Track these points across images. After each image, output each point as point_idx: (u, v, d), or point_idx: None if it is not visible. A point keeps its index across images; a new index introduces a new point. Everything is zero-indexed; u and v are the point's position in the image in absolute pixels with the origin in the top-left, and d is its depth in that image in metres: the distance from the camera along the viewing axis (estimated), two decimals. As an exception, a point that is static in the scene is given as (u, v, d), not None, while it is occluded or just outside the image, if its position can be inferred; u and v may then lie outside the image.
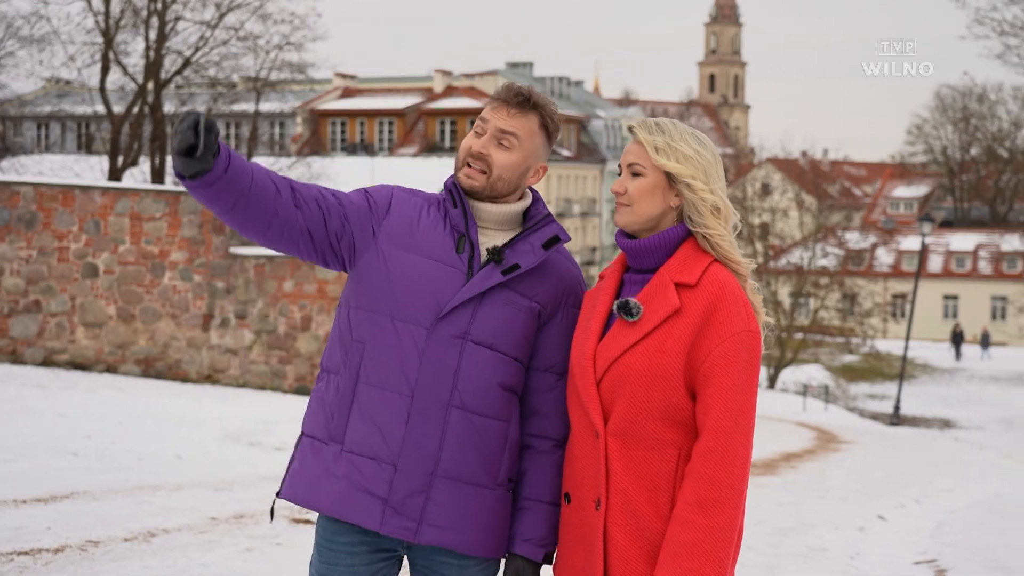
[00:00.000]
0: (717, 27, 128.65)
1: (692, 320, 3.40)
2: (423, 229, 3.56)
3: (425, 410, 3.50)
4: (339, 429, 3.54)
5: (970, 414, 40.42)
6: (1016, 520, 11.03)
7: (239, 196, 3.38)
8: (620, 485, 3.45)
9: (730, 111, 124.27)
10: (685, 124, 3.56)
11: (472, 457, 3.56)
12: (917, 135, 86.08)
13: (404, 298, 3.51)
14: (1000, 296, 70.74)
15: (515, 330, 3.59)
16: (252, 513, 9.03)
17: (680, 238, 3.53)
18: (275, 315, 21.07)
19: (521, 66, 72.01)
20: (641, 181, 3.52)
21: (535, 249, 3.61)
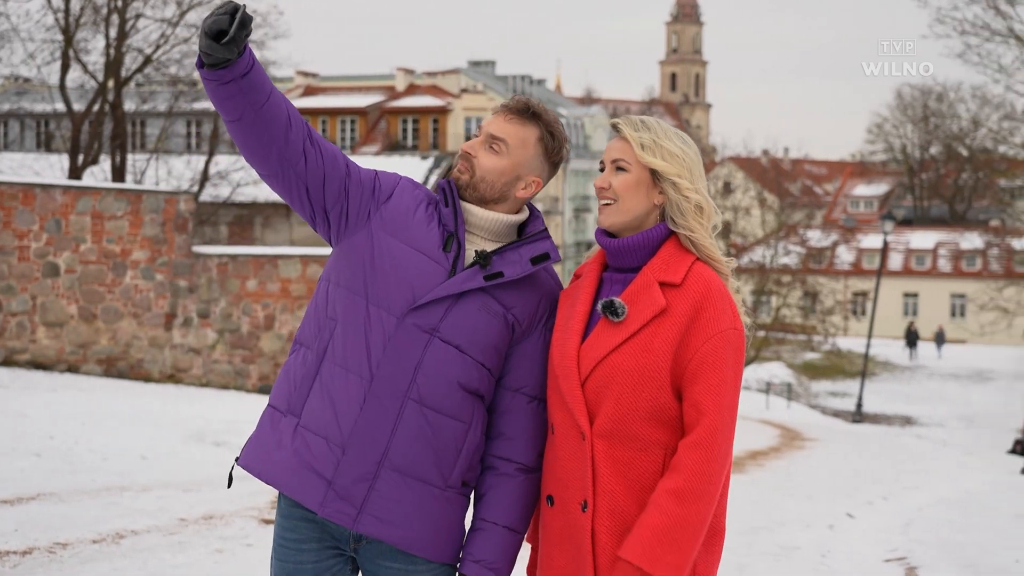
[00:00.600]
0: (678, 26, 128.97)
1: (679, 319, 3.37)
2: (416, 222, 3.53)
3: (380, 397, 3.46)
4: (298, 403, 3.53)
5: (930, 411, 40.73)
6: (983, 517, 11.08)
7: (248, 108, 3.35)
8: (607, 487, 3.41)
9: (691, 110, 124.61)
10: (668, 124, 3.54)
11: (423, 453, 3.50)
12: (877, 134, 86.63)
13: (383, 284, 3.48)
14: (959, 294, 71.24)
15: (486, 336, 3.54)
16: (222, 514, 8.95)
17: (662, 237, 3.50)
18: (238, 314, 20.95)
19: (483, 64, 71.93)
20: (625, 177, 3.49)
21: (523, 261, 3.57)
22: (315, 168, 3.48)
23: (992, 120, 45.14)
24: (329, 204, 3.53)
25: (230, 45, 3.23)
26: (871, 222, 78.67)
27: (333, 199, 3.52)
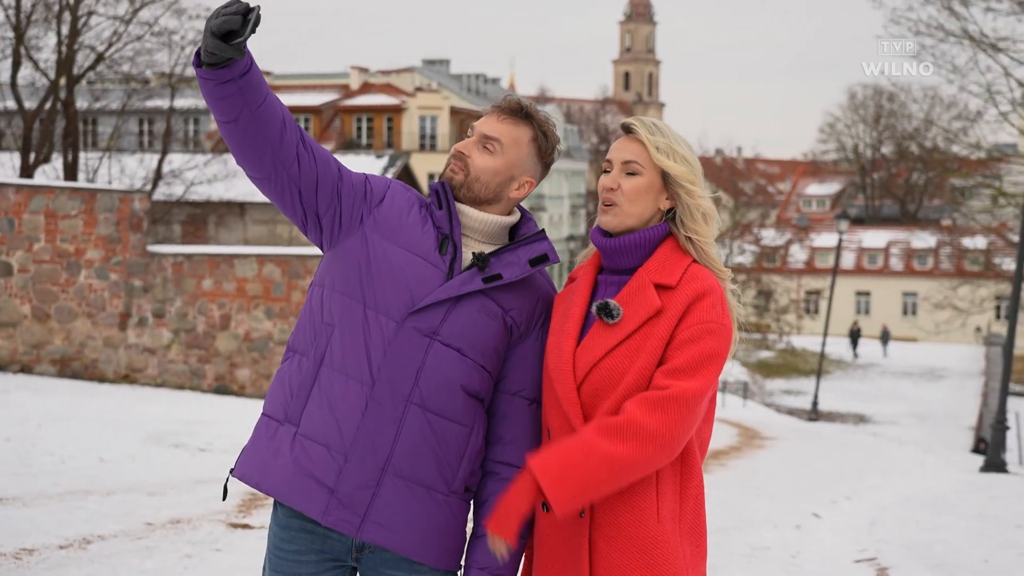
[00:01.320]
0: (632, 25, 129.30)
1: (673, 318, 3.33)
2: (410, 224, 3.48)
3: (382, 403, 3.40)
4: (296, 411, 3.46)
5: (884, 409, 40.99)
6: (948, 516, 11.11)
7: (245, 108, 3.28)
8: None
9: (644, 109, 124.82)
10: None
11: (427, 458, 3.45)
12: (830, 133, 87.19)
13: (380, 288, 3.42)
14: (911, 292, 71.85)
15: (486, 338, 3.49)
16: (189, 518, 8.83)
17: (660, 238, 3.46)
18: (194, 314, 20.78)
19: (438, 63, 71.84)
20: (637, 180, 3.44)
21: (521, 263, 3.53)
22: (308, 171, 3.42)
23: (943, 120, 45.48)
24: (322, 208, 3.46)
25: (240, 46, 3.16)
26: (823, 221, 79.21)
27: (326, 203, 3.46)
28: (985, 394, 48.77)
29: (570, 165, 78.11)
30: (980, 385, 50.70)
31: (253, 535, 8.33)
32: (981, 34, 26.23)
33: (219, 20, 3.11)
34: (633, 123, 3.48)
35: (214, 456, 12.82)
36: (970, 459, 20.68)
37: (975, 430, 40.53)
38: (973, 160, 31.29)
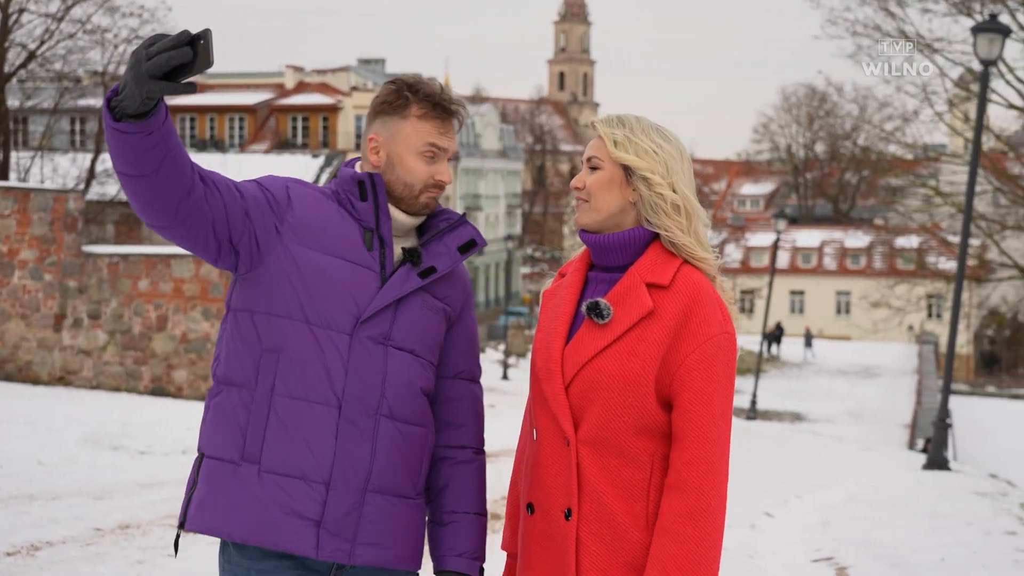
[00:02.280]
0: (566, 25, 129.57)
1: (667, 323, 3.22)
2: (328, 224, 3.30)
3: (354, 422, 3.26)
4: (255, 448, 3.23)
5: (820, 407, 41.26)
6: (898, 515, 11.11)
7: (167, 156, 2.97)
8: (594, 493, 3.26)
9: (579, 109, 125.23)
10: (649, 120, 3.39)
11: (400, 468, 3.35)
12: (763, 133, 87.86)
13: (321, 302, 3.24)
14: (845, 291, 72.57)
15: (432, 334, 3.40)
16: (138, 523, 8.63)
17: (649, 237, 3.35)
18: (130, 315, 20.50)
19: (373, 63, 71.68)
20: (598, 175, 3.34)
21: (451, 252, 3.42)
22: (216, 203, 3.15)
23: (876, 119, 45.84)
24: (236, 235, 3.21)
25: (192, 83, 2.83)
26: (757, 220, 79.78)
27: (239, 228, 3.21)
28: (919, 392, 49.33)
29: (506, 165, 78.11)
30: (914, 383, 51.25)
31: (205, 540, 8.12)
32: (917, 35, 26.44)
33: (160, 58, 2.78)
34: (596, 120, 3.41)
35: (155, 459, 12.61)
36: (912, 457, 20.81)
37: (910, 428, 40.96)
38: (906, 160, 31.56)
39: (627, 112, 3.43)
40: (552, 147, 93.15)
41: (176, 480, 10.65)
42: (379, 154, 3.36)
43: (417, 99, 3.34)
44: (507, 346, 47.64)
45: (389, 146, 3.35)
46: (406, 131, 3.34)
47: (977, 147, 17.72)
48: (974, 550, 9.23)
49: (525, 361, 49.88)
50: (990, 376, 61.70)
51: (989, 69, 17.92)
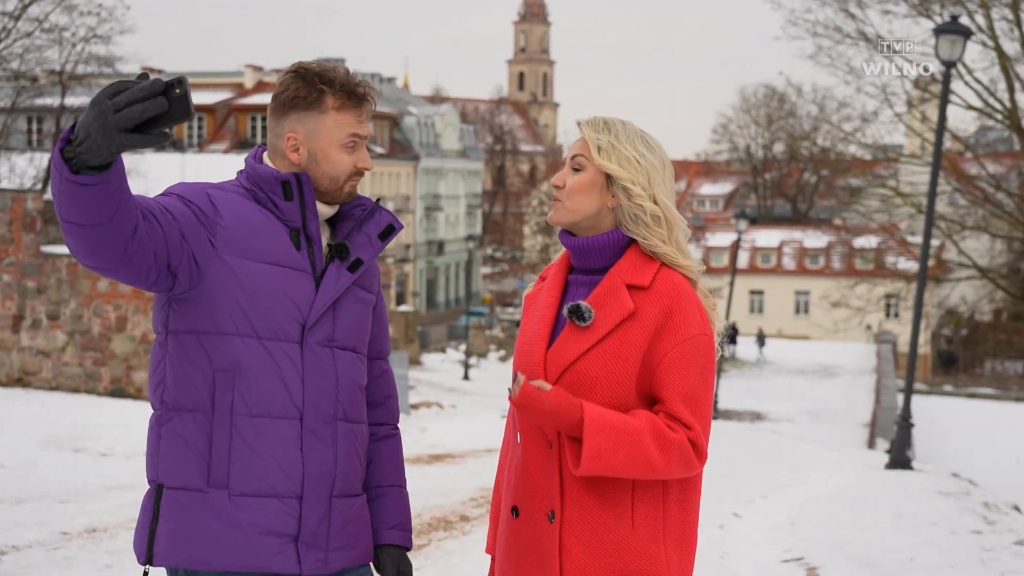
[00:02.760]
0: (526, 25, 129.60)
1: (648, 323, 3.24)
2: (256, 228, 3.21)
3: (315, 431, 3.23)
4: (221, 472, 3.15)
5: (779, 407, 41.41)
6: (865, 514, 11.13)
7: (121, 203, 2.83)
8: (577, 496, 3.26)
9: (539, 109, 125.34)
10: (636, 126, 3.39)
11: (356, 467, 3.36)
12: (722, 134, 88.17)
13: (266, 314, 3.17)
14: (803, 291, 72.94)
15: (366, 327, 3.40)
16: (105, 526, 8.54)
17: (628, 240, 3.36)
18: (89, 315, 20.31)
19: (333, 62, 71.42)
20: (580, 177, 3.35)
21: (372, 241, 3.38)
22: (156, 234, 3.01)
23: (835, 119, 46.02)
24: (174, 260, 3.08)
25: (169, 133, 2.70)
26: (717, 220, 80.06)
27: (177, 252, 3.08)
28: (878, 391, 49.59)
29: (466, 165, 78.02)
30: (872, 382, 51.54)
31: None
32: (877, 36, 26.54)
33: (131, 111, 2.62)
34: (583, 122, 3.40)
35: (117, 461, 12.49)
36: (874, 456, 20.89)
37: (870, 427, 41.15)
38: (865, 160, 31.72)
39: (613, 116, 3.42)
40: (512, 147, 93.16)
41: (142, 483, 10.54)
42: (299, 151, 3.27)
43: (332, 90, 3.25)
44: (468, 346, 47.58)
45: (310, 142, 3.26)
46: (327, 125, 3.25)
47: (939, 148, 17.82)
48: (941, 549, 9.25)
49: (486, 361, 49.82)
50: (947, 376, 62.10)
51: (950, 70, 18.02)
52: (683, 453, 3.17)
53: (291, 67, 3.31)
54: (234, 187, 3.30)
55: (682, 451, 3.17)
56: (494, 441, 16.04)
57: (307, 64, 3.28)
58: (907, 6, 25.42)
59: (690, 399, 3.20)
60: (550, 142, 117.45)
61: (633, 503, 3.25)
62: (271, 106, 3.32)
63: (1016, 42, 24.13)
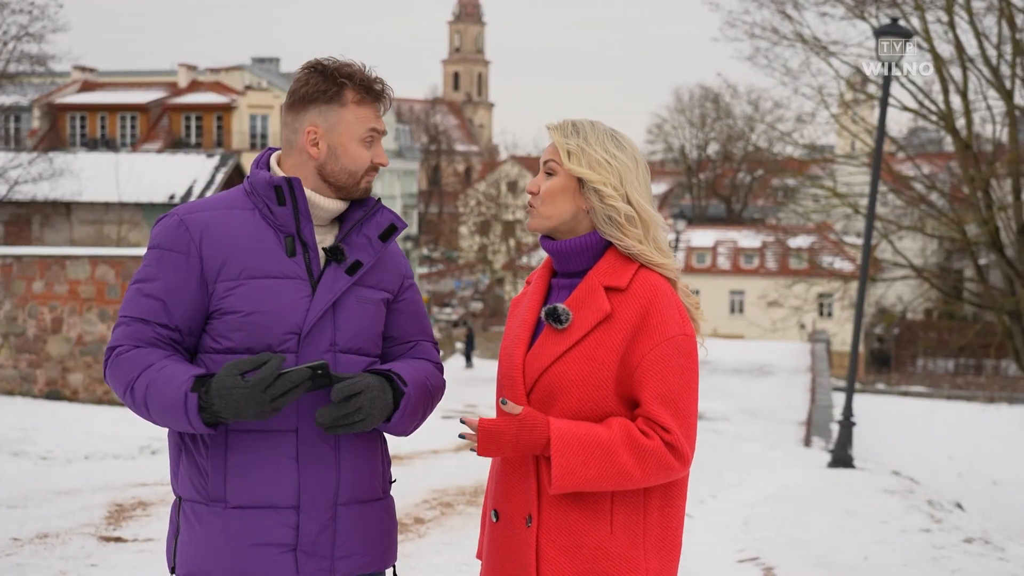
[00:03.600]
0: (461, 26, 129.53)
1: (625, 325, 3.24)
2: (244, 243, 3.21)
3: (312, 442, 3.21)
4: (217, 486, 3.19)
5: (715, 405, 41.56)
6: (815, 514, 11.17)
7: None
8: (555, 500, 3.25)
9: (474, 109, 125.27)
10: (605, 125, 3.40)
11: (366, 472, 3.32)
12: (657, 134, 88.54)
13: (260, 329, 3.17)
14: (738, 291, 73.46)
15: (373, 327, 3.35)
16: (56, 532, 8.39)
17: (605, 242, 3.37)
18: (24, 317, 20.06)
19: (267, 62, 70.96)
20: (553, 181, 3.35)
21: (372, 242, 3.36)
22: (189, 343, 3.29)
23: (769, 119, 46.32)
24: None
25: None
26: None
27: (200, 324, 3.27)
28: (813, 390, 49.99)
29: (402, 165, 77.81)
30: (807, 381, 51.95)
31: (128, 548, 7.96)
32: (814, 38, 26.72)
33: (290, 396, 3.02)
34: (551, 127, 3.40)
35: (59, 465, 12.32)
36: (815, 455, 21.02)
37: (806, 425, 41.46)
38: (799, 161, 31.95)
39: (582, 117, 3.43)
40: (447, 147, 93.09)
41: (90, 487, 10.42)
42: (319, 146, 3.28)
43: (352, 84, 3.27)
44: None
45: (330, 136, 3.27)
46: (347, 119, 3.27)
47: (880, 149, 17.98)
48: (893, 548, 9.31)
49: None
50: (880, 374, 62.74)
51: (891, 72, 18.17)
52: (660, 459, 3.16)
53: (307, 64, 3.32)
54: (238, 191, 3.31)
55: (658, 457, 3.15)
56: (438, 442, 15.98)
57: (323, 60, 3.30)
58: (843, 8, 25.62)
59: (669, 401, 3.18)
60: (485, 142, 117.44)
61: (612, 507, 3.24)
62: (287, 102, 3.33)
63: (950, 44, 24.39)
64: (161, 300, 3.19)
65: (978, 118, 25.22)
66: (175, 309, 3.19)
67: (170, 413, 3.05)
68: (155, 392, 3.08)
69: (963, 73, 24.23)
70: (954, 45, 24.26)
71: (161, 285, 3.20)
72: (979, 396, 56.13)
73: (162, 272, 3.20)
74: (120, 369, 3.16)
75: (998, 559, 9.15)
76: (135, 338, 3.18)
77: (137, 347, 3.16)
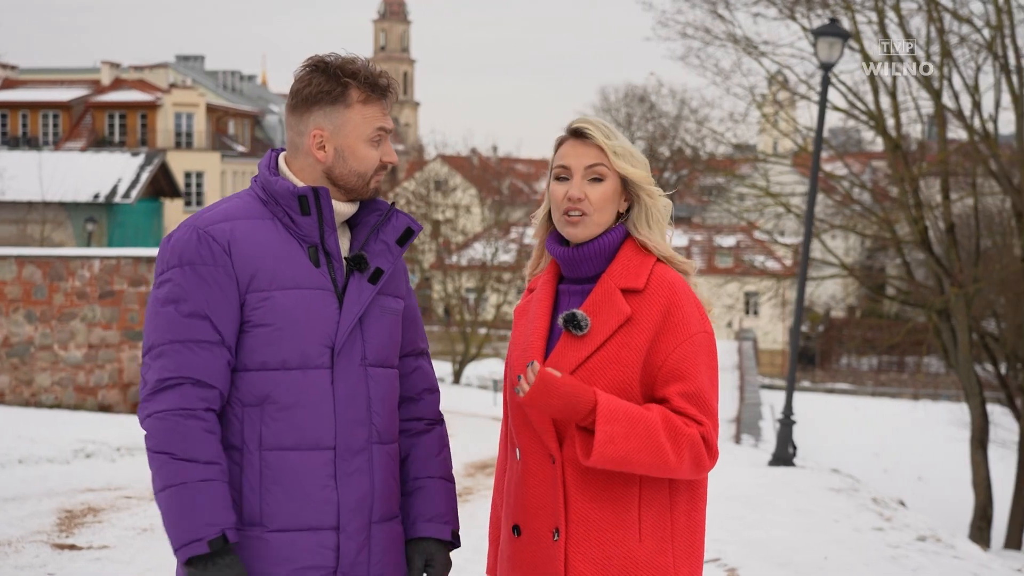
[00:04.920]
0: (386, 24, 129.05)
1: (647, 326, 3.16)
2: (272, 253, 3.08)
3: (350, 460, 3.10)
4: (254, 509, 3.05)
5: (645, 404, 41.81)
6: (766, 513, 11.17)
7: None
8: (582, 511, 3.16)
9: (400, 108, 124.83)
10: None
11: (392, 488, 3.23)
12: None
13: (292, 343, 3.05)
14: (666, 289, 73.90)
15: (396, 338, 3.26)
16: (8, 540, 8.25)
17: (619, 241, 3.27)
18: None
19: (192, 59, 70.32)
20: (604, 187, 3.23)
21: (391, 248, 3.24)
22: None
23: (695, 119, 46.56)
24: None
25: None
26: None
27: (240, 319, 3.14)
28: (742, 388, 50.46)
29: (328, 164, 77.52)
30: (735, 379, 52.42)
31: (83, 556, 7.77)
32: (746, 38, 26.87)
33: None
34: (587, 128, 3.26)
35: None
36: (755, 453, 21.13)
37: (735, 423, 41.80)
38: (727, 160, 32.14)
39: (590, 115, 3.39)
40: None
41: (36, 494, 10.20)
42: (325, 149, 3.15)
43: (357, 83, 3.14)
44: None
45: (337, 138, 3.15)
46: (353, 120, 3.14)
47: (819, 150, 18.13)
48: (850, 547, 9.33)
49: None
50: (804, 371, 63.41)
51: (828, 72, 18.30)
52: (694, 447, 3.09)
53: (308, 61, 3.17)
54: (249, 198, 3.16)
55: (693, 444, 3.09)
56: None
57: (325, 57, 3.16)
58: (776, 9, 25.78)
59: (696, 398, 3.13)
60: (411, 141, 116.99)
61: (640, 515, 3.16)
62: (290, 104, 3.19)
63: (880, 46, 24.62)
64: (206, 318, 3.02)
65: (906, 118, 25.50)
66: (224, 326, 3.03)
67: (173, 518, 2.91)
68: (180, 500, 2.91)
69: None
70: (884, 46, 24.49)
71: (202, 301, 3.02)
72: (904, 393, 56.89)
73: (199, 288, 3.02)
74: (169, 438, 2.95)
75: (953, 557, 9.21)
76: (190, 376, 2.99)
77: (195, 416, 2.96)
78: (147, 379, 2.99)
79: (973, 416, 24.48)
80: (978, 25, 23.07)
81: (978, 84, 23.47)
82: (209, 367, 2.98)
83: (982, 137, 23.54)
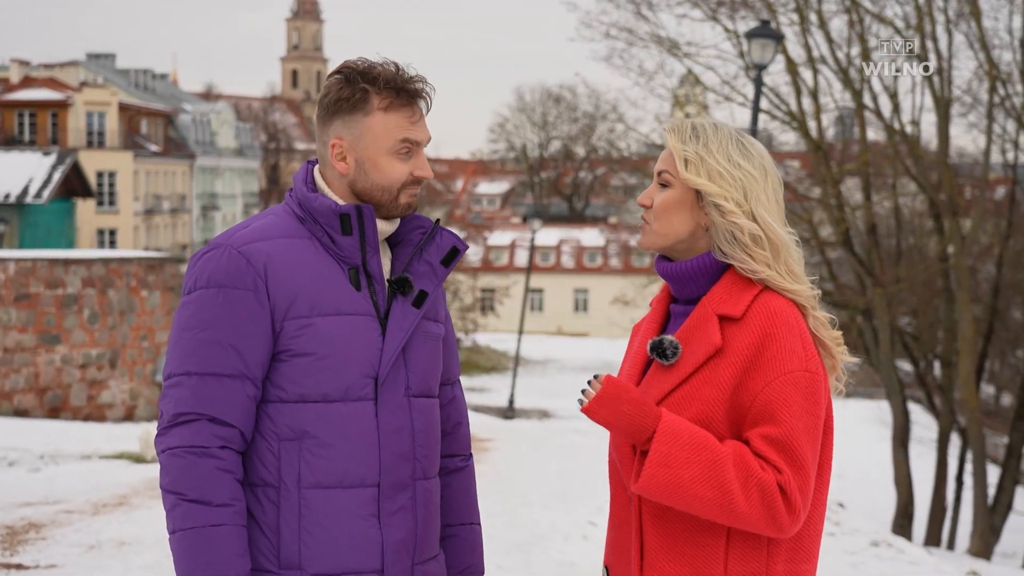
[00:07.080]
0: (299, 23, 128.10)
1: (736, 360, 2.80)
2: (310, 277, 2.86)
3: (394, 497, 2.90)
4: (292, 552, 2.83)
5: (566, 404, 41.77)
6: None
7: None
8: (657, 564, 2.84)
9: (313, 107, 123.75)
10: (732, 129, 2.93)
11: (433, 527, 3.02)
12: (499, 133, 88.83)
13: (334, 373, 2.84)
14: (582, 288, 74.08)
15: (438, 365, 3.05)
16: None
17: (723, 264, 2.92)
18: None
19: (103, 57, 69.25)
20: (668, 194, 2.91)
21: (435, 269, 3.01)
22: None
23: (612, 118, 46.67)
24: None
25: None
26: (495, 219, 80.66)
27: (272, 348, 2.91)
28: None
29: (243, 164, 76.59)
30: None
31: (29, 575, 7.50)
32: (669, 39, 26.93)
33: None
34: (667, 128, 2.94)
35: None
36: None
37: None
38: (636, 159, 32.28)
39: (702, 118, 2.96)
40: (287, 146, 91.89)
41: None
42: (346, 160, 2.92)
43: (377, 89, 2.91)
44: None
45: (357, 150, 2.92)
46: (374, 130, 2.90)
47: (750, 150, 18.11)
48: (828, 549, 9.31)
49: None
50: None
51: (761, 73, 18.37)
52: (767, 494, 2.68)
53: (337, 68, 2.96)
54: (285, 215, 2.94)
55: (765, 491, 2.68)
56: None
57: (352, 63, 2.94)
58: (702, 11, 25.86)
59: (781, 445, 2.72)
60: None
61: (728, 545, 2.80)
62: (317, 113, 2.98)
63: (803, 48, 24.79)
64: (231, 347, 2.80)
65: (827, 119, 25.70)
66: (250, 356, 2.81)
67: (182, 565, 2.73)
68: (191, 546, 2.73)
69: (814, 75, 24.70)
70: (805, 48, 24.67)
71: (227, 329, 2.80)
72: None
73: (225, 313, 2.80)
74: (182, 477, 2.76)
75: (908, 563, 9.22)
76: (206, 412, 2.79)
77: (210, 455, 2.77)
78: (164, 411, 2.80)
79: (895, 414, 24.72)
80: (899, 27, 23.32)
81: (897, 86, 23.74)
82: (229, 403, 2.77)
83: (902, 138, 23.79)
